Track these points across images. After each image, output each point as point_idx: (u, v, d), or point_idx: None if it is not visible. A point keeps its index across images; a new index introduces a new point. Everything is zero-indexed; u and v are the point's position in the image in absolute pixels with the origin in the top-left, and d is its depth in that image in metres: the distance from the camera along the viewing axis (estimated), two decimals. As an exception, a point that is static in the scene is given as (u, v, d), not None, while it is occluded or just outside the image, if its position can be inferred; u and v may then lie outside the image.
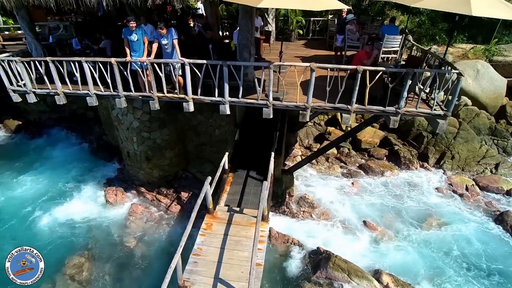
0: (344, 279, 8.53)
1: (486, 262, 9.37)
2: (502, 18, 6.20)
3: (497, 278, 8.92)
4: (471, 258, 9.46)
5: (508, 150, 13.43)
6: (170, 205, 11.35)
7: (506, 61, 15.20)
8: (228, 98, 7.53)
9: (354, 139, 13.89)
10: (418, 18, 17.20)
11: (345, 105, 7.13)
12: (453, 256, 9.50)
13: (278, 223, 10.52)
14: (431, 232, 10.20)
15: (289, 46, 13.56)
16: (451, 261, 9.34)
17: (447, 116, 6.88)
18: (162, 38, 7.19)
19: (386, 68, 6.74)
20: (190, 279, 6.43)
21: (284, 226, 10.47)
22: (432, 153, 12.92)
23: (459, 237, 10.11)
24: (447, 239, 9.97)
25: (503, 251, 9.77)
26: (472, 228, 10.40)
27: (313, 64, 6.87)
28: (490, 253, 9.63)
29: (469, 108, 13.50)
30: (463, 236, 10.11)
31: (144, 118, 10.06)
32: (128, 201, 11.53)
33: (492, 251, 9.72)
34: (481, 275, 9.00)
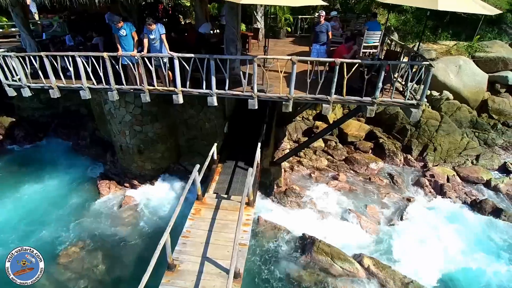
0: (328, 263, 9.00)
1: (465, 246, 9.88)
2: (467, 11, 6.68)
3: (472, 259, 9.47)
4: (450, 241, 9.96)
5: (489, 142, 14.00)
6: (162, 197, 11.70)
7: (488, 57, 15.81)
8: (215, 90, 7.94)
9: (341, 133, 14.38)
10: (404, 16, 17.76)
11: (325, 96, 7.58)
12: (432, 240, 9.99)
13: (266, 212, 10.95)
14: (412, 219, 10.69)
15: (278, 43, 14.01)
16: (430, 245, 9.82)
17: (419, 105, 7.36)
18: (150, 33, 7.57)
19: (362, 61, 7.19)
20: (179, 258, 6.84)
21: (272, 215, 10.89)
22: (415, 146, 13.46)
23: (439, 223, 10.60)
24: (427, 226, 10.45)
25: (482, 236, 10.31)
26: (452, 216, 10.90)
27: (294, 57, 7.32)
28: (469, 239, 10.14)
29: (450, 102, 14.06)
30: (443, 223, 10.61)
31: (136, 112, 10.40)
32: (121, 193, 11.86)
33: (471, 236, 10.24)
34: (458, 257, 9.52)
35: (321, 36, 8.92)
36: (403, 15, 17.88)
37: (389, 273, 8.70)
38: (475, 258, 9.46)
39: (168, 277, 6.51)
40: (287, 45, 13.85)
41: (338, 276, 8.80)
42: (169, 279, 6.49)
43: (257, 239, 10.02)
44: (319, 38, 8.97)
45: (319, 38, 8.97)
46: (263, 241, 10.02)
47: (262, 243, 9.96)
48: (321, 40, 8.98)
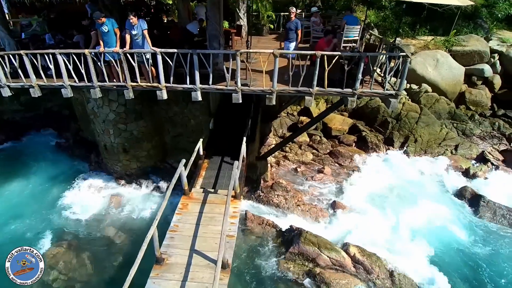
0: (315, 252, 9.16)
1: (445, 231, 10.28)
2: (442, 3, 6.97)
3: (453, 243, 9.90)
4: (432, 228, 10.34)
5: (467, 132, 14.55)
6: (149, 195, 11.67)
7: (465, 50, 16.40)
8: (199, 85, 8.01)
9: (325, 127, 14.68)
10: (383, 13, 18.21)
11: (307, 88, 7.76)
12: (415, 227, 10.33)
13: (253, 206, 11.08)
14: (395, 208, 11.02)
15: (261, 40, 14.19)
16: (413, 232, 10.15)
17: (398, 95, 7.62)
18: (132, 28, 7.58)
19: (341, 53, 7.41)
20: (167, 252, 6.87)
21: (260, 209, 11.03)
22: (397, 138, 13.86)
23: (422, 211, 10.94)
24: (410, 214, 10.79)
25: (463, 221, 10.73)
26: (434, 202, 11.30)
27: (276, 51, 7.47)
28: (450, 224, 10.53)
29: (429, 94, 14.54)
30: (425, 210, 10.96)
31: (120, 110, 10.33)
32: (107, 193, 11.75)
33: (452, 222, 10.63)
34: (439, 240, 9.93)
35: (290, 33, 8.88)
36: (382, 11, 18.33)
37: (374, 260, 8.94)
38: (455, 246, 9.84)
39: (157, 271, 6.54)
40: (270, 41, 14.03)
41: (325, 265, 8.99)
42: (157, 272, 6.52)
43: (245, 234, 10.12)
44: (289, 35, 8.95)
45: (289, 35, 8.95)
46: (251, 235, 10.12)
47: (250, 237, 10.06)
48: (289, 37, 8.95)
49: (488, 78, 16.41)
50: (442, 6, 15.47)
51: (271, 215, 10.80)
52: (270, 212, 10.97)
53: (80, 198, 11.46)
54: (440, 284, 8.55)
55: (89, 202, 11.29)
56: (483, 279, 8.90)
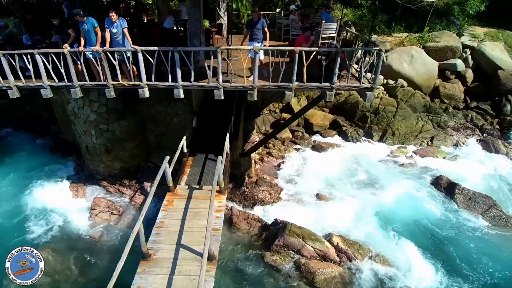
0: (300, 244, 9.41)
1: (423, 218, 10.76)
2: None
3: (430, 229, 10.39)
4: (411, 216, 10.79)
5: (441, 124, 15.23)
6: (134, 196, 11.62)
7: (438, 46, 17.10)
8: (181, 82, 8.09)
9: (307, 123, 15.04)
10: (360, 11, 18.74)
11: (287, 83, 7.99)
12: (396, 216, 10.77)
13: (239, 202, 11.24)
14: (376, 197, 11.49)
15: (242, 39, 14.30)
16: (394, 221, 10.58)
17: (373, 88, 7.96)
18: (112, 26, 7.60)
19: (319, 48, 7.68)
20: (154, 247, 6.95)
21: (245, 204, 11.20)
22: (376, 131, 14.37)
23: (401, 200, 11.40)
24: (391, 203, 11.24)
25: (439, 208, 11.24)
26: (411, 190, 11.82)
27: (255, 47, 7.67)
28: (428, 212, 11.03)
29: (405, 89, 15.12)
30: (404, 197, 11.47)
31: (101, 110, 10.27)
32: (90, 195, 11.61)
33: (429, 209, 11.13)
34: (417, 228, 10.40)
35: (256, 32, 8.61)
36: (359, 10, 18.86)
37: (356, 248, 9.28)
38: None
39: (144, 266, 6.61)
40: (251, 40, 14.18)
41: (310, 256, 9.25)
42: (144, 267, 6.58)
43: (232, 230, 10.24)
44: (255, 35, 8.66)
45: (255, 35, 8.66)
46: (237, 231, 10.26)
47: (237, 232, 10.20)
48: (256, 37, 8.65)
49: (460, 72, 17.18)
50: (415, 4, 16.13)
51: (256, 210, 10.99)
52: (256, 207, 11.14)
53: (64, 200, 11.29)
54: (419, 267, 8.97)
55: (72, 203, 11.15)
56: (457, 260, 9.38)
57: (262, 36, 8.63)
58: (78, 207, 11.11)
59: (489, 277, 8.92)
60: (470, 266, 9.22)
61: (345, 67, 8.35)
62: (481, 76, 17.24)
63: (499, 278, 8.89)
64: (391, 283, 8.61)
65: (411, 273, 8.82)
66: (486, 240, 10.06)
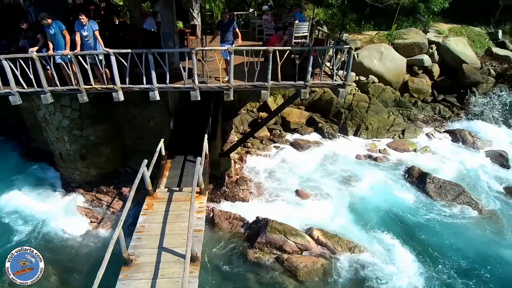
0: (281, 240, 9.57)
1: (398, 208, 11.24)
2: None
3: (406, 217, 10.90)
4: (387, 207, 11.24)
5: (411, 117, 15.97)
6: (112, 202, 11.39)
7: (405, 43, 17.84)
8: (156, 84, 8.04)
9: (284, 121, 15.32)
10: (331, 11, 19.22)
11: (263, 83, 8.13)
12: (372, 207, 11.20)
13: (220, 203, 11.27)
14: (352, 190, 11.87)
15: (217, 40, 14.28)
16: (371, 212, 11.00)
17: (345, 85, 8.24)
18: (83, 29, 7.44)
19: (291, 48, 7.86)
20: (135, 252, 6.87)
21: (226, 204, 11.24)
22: (350, 126, 14.87)
23: (377, 191, 11.88)
24: (366, 194, 11.70)
25: (412, 197, 11.80)
26: (386, 182, 12.34)
27: (230, 48, 7.74)
28: (402, 201, 11.54)
29: (376, 85, 15.71)
30: (379, 189, 11.94)
31: (74, 115, 9.99)
32: (67, 204, 11.28)
33: (403, 199, 11.65)
34: (393, 217, 10.85)
35: (227, 34, 8.58)
36: (330, 9, 19.34)
37: (336, 240, 9.56)
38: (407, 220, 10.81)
39: (125, 272, 6.52)
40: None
41: (292, 251, 9.43)
42: (126, 273, 6.50)
43: (214, 230, 10.27)
44: (225, 37, 8.60)
45: (225, 37, 8.60)
46: (220, 230, 10.29)
47: (219, 232, 10.24)
48: (227, 39, 8.58)
49: (427, 67, 18.01)
50: (382, 2, 16.75)
51: (237, 209, 11.05)
52: (237, 206, 11.21)
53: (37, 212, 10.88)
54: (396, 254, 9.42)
55: (48, 216, 10.76)
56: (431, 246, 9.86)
57: (232, 38, 8.59)
58: (54, 217, 10.76)
59: (460, 260, 9.43)
60: (443, 251, 9.71)
61: (318, 65, 8.59)
62: (446, 70, 18.15)
63: (470, 261, 9.41)
64: (370, 271, 8.93)
65: (389, 260, 9.22)
66: (457, 226, 10.65)
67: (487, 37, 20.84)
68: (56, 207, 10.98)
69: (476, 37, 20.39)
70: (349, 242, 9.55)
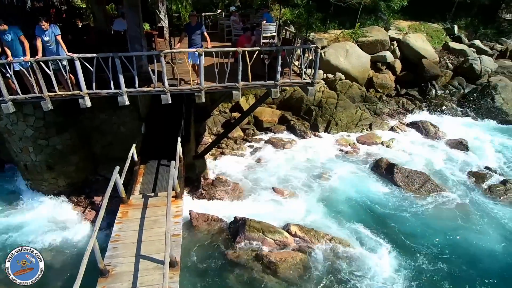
0: (260, 238, 9.69)
1: (369, 199, 11.71)
2: None
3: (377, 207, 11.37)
4: (359, 198, 11.68)
5: (377, 111, 16.74)
6: (84, 212, 11.00)
7: (369, 40, 18.60)
8: (125, 88, 7.87)
9: (257, 121, 15.51)
10: (297, 10, 19.62)
11: (234, 83, 8.20)
12: (345, 200, 11.60)
13: (197, 205, 11.16)
14: (326, 185, 12.23)
15: (185, 41, 14.17)
16: (344, 204, 11.40)
17: (314, 83, 8.50)
18: (44, 34, 7.15)
19: (260, 48, 8.00)
20: (112, 262, 6.69)
21: (203, 206, 11.13)
22: (321, 123, 15.35)
23: (349, 184, 12.31)
24: (338, 187, 12.10)
25: (382, 188, 12.34)
26: (356, 175, 12.82)
27: (199, 49, 7.75)
28: (373, 192, 12.03)
29: (343, 81, 16.30)
30: (350, 182, 12.38)
31: (38, 124, 9.55)
32: (36, 217, 10.75)
33: (374, 190, 12.16)
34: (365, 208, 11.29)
35: (195, 38, 8.40)
36: (296, 9, 19.74)
37: (313, 234, 9.81)
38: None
39: (102, 283, 6.33)
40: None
41: (271, 248, 9.59)
42: (103, 285, 6.31)
43: (192, 233, 10.18)
44: (193, 41, 8.38)
45: (193, 41, 8.38)
46: (198, 233, 10.23)
47: (198, 235, 10.17)
48: (195, 43, 8.39)
49: (390, 63, 18.92)
50: (346, 2, 17.34)
51: (215, 210, 11.04)
52: (214, 207, 11.19)
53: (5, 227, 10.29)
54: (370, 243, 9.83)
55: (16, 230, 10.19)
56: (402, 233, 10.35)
57: (200, 41, 8.45)
58: (23, 232, 10.21)
59: (431, 245, 9.92)
60: (413, 237, 10.18)
61: (287, 65, 8.79)
62: (408, 66, 19.14)
63: (440, 246, 9.93)
64: (347, 261, 9.23)
65: (364, 249, 9.58)
66: (425, 212, 11.24)
67: (444, 32, 22.20)
68: (24, 220, 10.44)
69: (434, 33, 21.67)
70: (326, 235, 9.82)
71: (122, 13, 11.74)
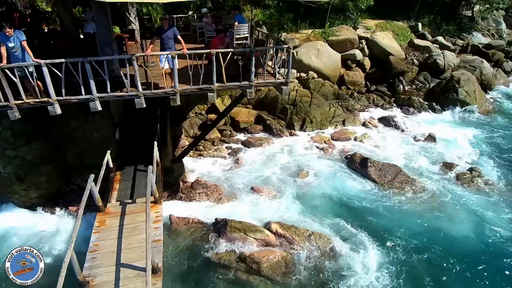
0: (242, 237, 9.76)
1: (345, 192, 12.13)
2: None
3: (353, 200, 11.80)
4: (335, 193, 12.07)
5: (349, 108, 17.29)
6: (59, 223, 10.61)
7: (339, 39, 19.17)
8: (96, 94, 7.69)
9: (233, 121, 15.58)
10: (268, 11, 19.85)
11: (208, 85, 8.22)
12: (322, 195, 11.94)
13: (177, 209, 11.07)
14: (303, 182, 12.51)
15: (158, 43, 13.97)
16: (321, 200, 11.72)
17: (287, 82, 8.68)
18: (8, 40, 6.85)
19: (233, 49, 8.07)
20: (91, 273, 6.50)
21: (183, 210, 11.07)
22: (296, 121, 15.68)
23: (325, 180, 12.66)
24: (315, 184, 12.42)
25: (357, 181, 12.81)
26: (332, 171, 13.21)
27: (172, 52, 7.71)
28: (348, 186, 12.46)
29: (316, 80, 16.72)
30: (326, 178, 12.74)
31: (5, 134, 9.12)
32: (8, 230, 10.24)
33: (349, 184, 12.59)
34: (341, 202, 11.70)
35: (167, 42, 8.19)
36: (267, 10, 19.97)
37: (293, 231, 9.99)
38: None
39: (82, 295, 6.22)
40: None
41: (253, 247, 9.68)
42: (84, 296, 6.20)
43: (173, 237, 10.12)
44: (165, 45, 8.20)
45: (165, 45, 8.20)
46: (180, 237, 10.18)
47: (179, 239, 10.12)
48: (165, 47, 8.21)
49: (359, 61, 19.60)
50: (315, 2, 17.75)
51: (195, 213, 11.00)
52: (195, 210, 11.15)
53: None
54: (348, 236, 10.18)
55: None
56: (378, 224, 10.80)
57: (173, 45, 8.30)
58: None
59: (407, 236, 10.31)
60: (390, 228, 10.59)
61: (260, 65, 8.91)
62: (376, 63, 19.90)
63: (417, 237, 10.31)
64: (328, 255, 9.52)
65: (343, 243, 9.89)
66: (398, 203, 11.74)
67: (409, 30, 23.23)
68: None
69: (400, 30, 22.62)
70: (306, 231, 10.05)
71: (92, 16, 11.43)
